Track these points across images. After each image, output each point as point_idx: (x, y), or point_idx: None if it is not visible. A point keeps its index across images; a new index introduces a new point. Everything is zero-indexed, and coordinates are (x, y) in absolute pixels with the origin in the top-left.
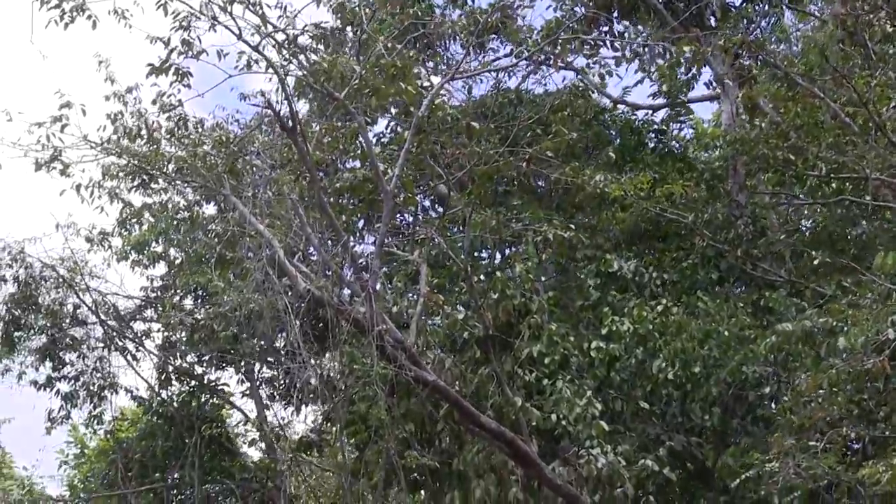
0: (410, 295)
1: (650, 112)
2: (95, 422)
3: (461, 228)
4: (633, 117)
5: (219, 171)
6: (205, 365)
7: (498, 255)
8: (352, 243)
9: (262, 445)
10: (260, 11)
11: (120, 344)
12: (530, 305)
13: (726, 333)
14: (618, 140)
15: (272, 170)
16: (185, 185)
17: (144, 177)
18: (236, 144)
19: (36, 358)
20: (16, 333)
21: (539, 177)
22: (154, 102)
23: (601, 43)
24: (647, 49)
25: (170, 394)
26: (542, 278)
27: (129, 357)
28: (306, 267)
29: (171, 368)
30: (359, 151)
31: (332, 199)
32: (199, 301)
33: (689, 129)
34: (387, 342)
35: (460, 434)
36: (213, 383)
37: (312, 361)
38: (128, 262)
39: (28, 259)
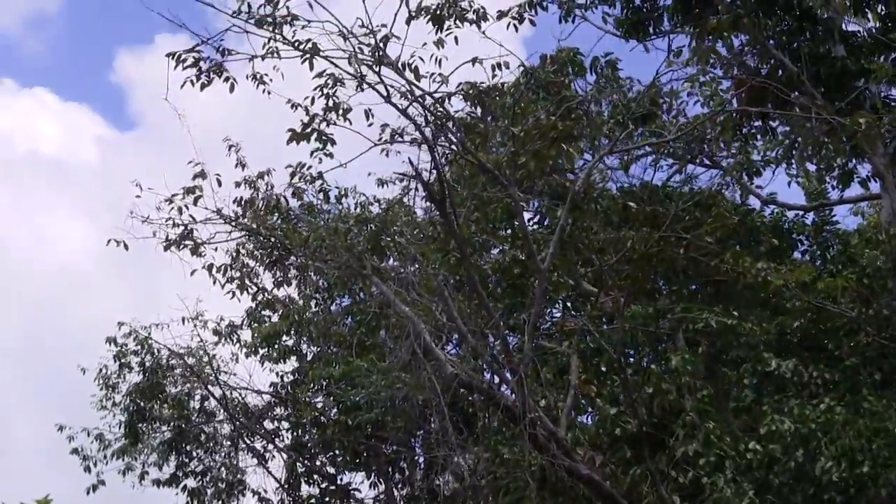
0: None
1: (801, 214)
2: None
3: (610, 321)
4: (784, 218)
5: (359, 251)
6: (337, 466)
7: (649, 350)
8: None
9: None
10: (411, 75)
11: (248, 442)
12: (684, 403)
13: None
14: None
15: (417, 247)
16: (324, 263)
17: (281, 252)
18: (379, 221)
19: (159, 455)
20: (140, 425)
21: (694, 267)
22: (293, 175)
23: (752, 140)
24: (799, 142)
25: (299, 497)
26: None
27: (257, 457)
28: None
29: (301, 469)
30: (508, 232)
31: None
32: (332, 398)
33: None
34: (539, 432)
35: None
36: (346, 486)
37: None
38: (257, 357)
39: (154, 346)
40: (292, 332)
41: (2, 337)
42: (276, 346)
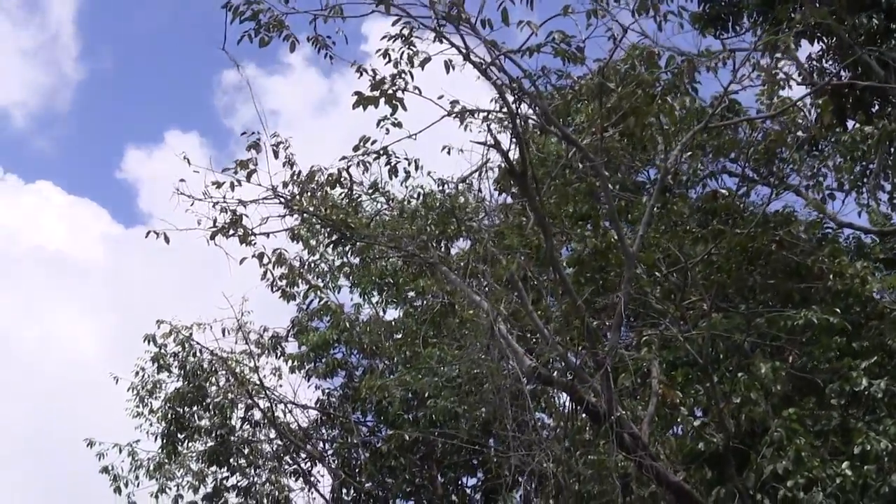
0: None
1: (878, 239)
2: None
3: (693, 328)
4: (862, 243)
5: (424, 239)
6: (388, 491)
7: (734, 360)
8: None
9: None
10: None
11: (296, 460)
12: (771, 417)
13: None
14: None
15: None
16: (388, 250)
17: (343, 232)
18: (448, 203)
19: (195, 475)
20: (179, 435)
21: (784, 267)
22: (356, 148)
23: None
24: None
25: None
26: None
27: (303, 477)
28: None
29: (348, 497)
30: (587, 222)
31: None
32: (382, 417)
33: None
34: (625, 432)
35: None
36: None
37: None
38: (302, 372)
39: (196, 347)
40: (342, 341)
41: (8, 436)
42: (324, 359)
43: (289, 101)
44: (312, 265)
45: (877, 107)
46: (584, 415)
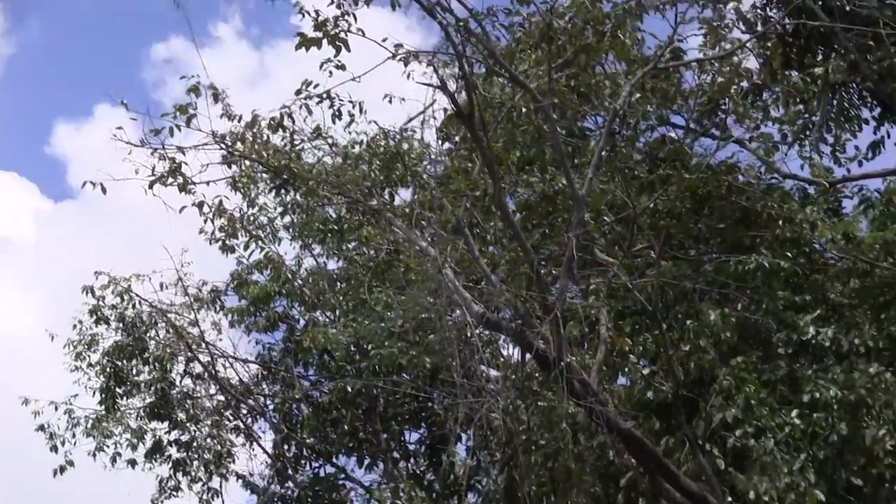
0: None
1: (827, 188)
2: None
3: (641, 274)
4: (807, 194)
5: (369, 185)
6: (331, 445)
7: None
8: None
9: None
10: None
11: (233, 420)
12: (720, 366)
13: None
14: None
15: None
16: (330, 196)
17: (286, 178)
18: (393, 148)
19: (134, 433)
20: (117, 390)
21: (732, 213)
22: (298, 92)
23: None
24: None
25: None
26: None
27: (245, 433)
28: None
29: (290, 453)
30: (535, 167)
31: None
32: (325, 370)
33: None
34: (574, 378)
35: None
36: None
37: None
38: (242, 327)
39: (135, 298)
40: (283, 293)
41: None
42: (265, 313)
43: (219, 74)
44: (252, 217)
45: (820, 56)
46: (532, 362)
